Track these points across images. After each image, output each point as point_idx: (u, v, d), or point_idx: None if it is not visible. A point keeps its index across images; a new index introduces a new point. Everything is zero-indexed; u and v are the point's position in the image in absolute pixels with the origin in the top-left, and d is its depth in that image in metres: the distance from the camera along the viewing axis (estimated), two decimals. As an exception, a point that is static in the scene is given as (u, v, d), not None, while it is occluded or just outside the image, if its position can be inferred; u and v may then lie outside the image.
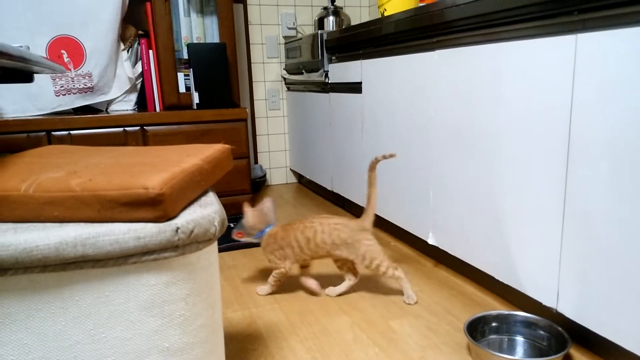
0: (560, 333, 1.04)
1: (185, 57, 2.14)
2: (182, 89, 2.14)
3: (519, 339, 1.11)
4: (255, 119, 2.79)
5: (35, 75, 1.26)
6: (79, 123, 1.87)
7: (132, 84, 2.11)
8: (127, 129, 1.94)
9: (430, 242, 1.53)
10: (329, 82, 2.17)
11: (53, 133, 1.85)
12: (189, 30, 2.16)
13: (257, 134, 2.81)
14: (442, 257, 1.59)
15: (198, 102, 2.05)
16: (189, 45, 2.02)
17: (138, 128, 1.95)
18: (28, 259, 0.58)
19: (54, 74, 1.93)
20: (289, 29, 2.74)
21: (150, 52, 2.07)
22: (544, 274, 1.09)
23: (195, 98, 2.05)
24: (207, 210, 0.69)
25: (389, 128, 1.71)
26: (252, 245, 1.78)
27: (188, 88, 2.15)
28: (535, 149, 1.08)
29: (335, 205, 2.37)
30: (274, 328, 1.22)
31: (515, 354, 1.09)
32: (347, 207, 2.28)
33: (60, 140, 1.86)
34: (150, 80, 2.10)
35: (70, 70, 1.95)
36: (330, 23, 2.56)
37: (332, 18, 2.56)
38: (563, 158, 1.01)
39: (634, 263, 0.88)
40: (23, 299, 0.60)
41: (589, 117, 0.94)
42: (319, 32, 2.15)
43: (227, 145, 0.92)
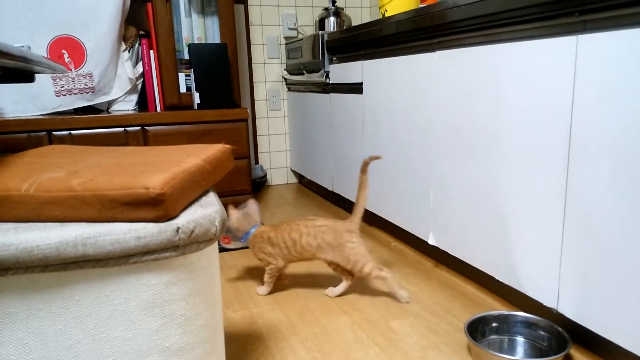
0: (561, 333, 1.04)
1: (186, 57, 2.14)
2: (182, 89, 2.14)
3: (520, 340, 1.11)
4: (256, 120, 2.79)
5: (36, 76, 1.26)
6: (80, 123, 1.88)
7: (132, 85, 2.11)
8: (128, 129, 1.94)
9: (431, 242, 1.53)
10: (330, 82, 2.17)
11: (54, 133, 1.85)
12: (190, 31, 2.16)
13: (257, 134, 2.82)
14: (442, 257, 1.59)
15: (199, 102, 2.05)
16: (190, 46, 2.02)
17: (139, 128, 1.95)
18: (29, 259, 0.58)
19: (55, 74, 1.93)
20: (290, 30, 2.75)
21: (151, 52, 2.08)
22: (545, 275, 1.09)
23: (196, 98, 2.05)
24: (207, 210, 0.69)
25: (390, 128, 1.71)
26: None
27: (189, 88, 2.15)
28: (536, 150, 1.08)
29: (336, 206, 2.37)
30: (274, 328, 1.22)
31: (516, 354, 1.09)
32: (347, 207, 2.28)
33: (61, 140, 1.86)
34: (151, 81, 2.11)
35: (71, 70, 1.95)
36: (331, 24, 2.56)
37: (333, 19, 2.56)
38: (564, 158, 1.01)
39: (634, 263, 0.88)
40: (24, 299, 0.60)
41: (590, 118, 0.94)
42: (320, 32, 2.15)
43: (227, 146, 0.92)
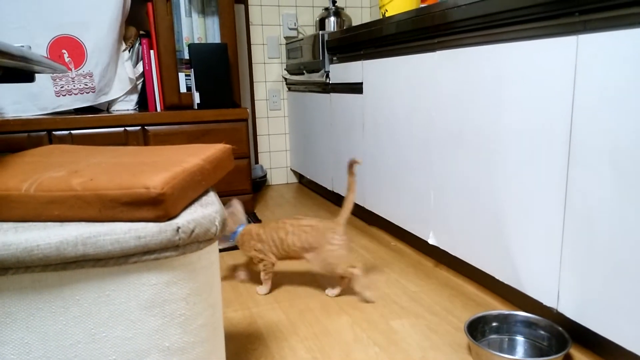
0: (561, 333, 1.04)
1: (187, 57, 2.14)
2: (183, 89, 2.14)
3: (520, 339, 1.11)
4: (256, 119, 2.80)
5: (36, 76, 1.26)
6: (80, 123, 1.88)
7: (133, 84, 2.11)
8: (128, 129, 1.94)
9: (431, 242, 1.53)
10: (330, 82, 2.17)
11: (54, 132, 1.85)
12: (190, 31, 2.16)
13: (257, 134, 2.82)
14: (442, 257, 1.59)
15: (199, 102, 2.05)
16: (190, 46, 2.02)
17: (139, 128, 1.95)
18: (29, 258, 0.58)
19: (55, 75, 1.93)
20: (290, 30, 2.75)
21: (152, 52, 2.08)
22: (545, 274, 1.09)
23: (196, 98, 2.05)
24: (208, 210, 0.69)
25: (390, 128, 1.71)
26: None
27: (189, 88, 2.15)
28: (536, 149, 1.08)
29: (336, 206, 2.37)
30: (274, 328, 1.22)
31: (516, 354, 1.09)
32: (347, 207, 2.28)
33: (61, 140, 1.86)
34: (152, 80, 2.11)
35: (71, 70, 1.95)
36: (332, 24, 2.56)
37: (333, 19, 2.56)
38: (564, 157, 1.01)
39: (635, 263, 0.88)
40: (24, 298, 0.60)
41: (590, 117, 0.94)
42: (320, 32, 2.15)
43: (228, 145, 0.92)
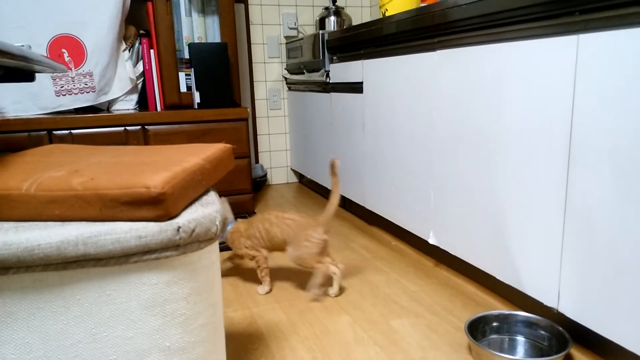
0: (561, 333, 1.04)
1: (187, 56, 2.14)
2: (183, 89, 2.14)
3: (520, 339, 1.11)
4: (256, 119, 2.79)
5: (37, 75, 1.26)
6: (80, 122, 1.88)
7: (133, 84, 2.11)
8: (128, 129, 1.94)
9: (431, 242, 1.53)
10: (330, 82, 2.17)
11: (54, 132, 1.85)
12: (190, 30, 2.16)
13: (258, 134, 2.82)
14: (442, 257, 1.59)
15: (199, 101, 2.05)
16: (190, 45, 2.02)
17: (139, 127, 1.95)
18: (30, 258, 0.58)
19: (55, 74, 1.93)
20: (290, 29, 2.74)
21: (152, 51, 2.07)
22: (545, 274, 1.09)
23: (197, 98, 2.05)
24: (208, 210, 0.69)
25: (390, 128, 1.71)
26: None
27: (189, 88, 2.15)
28: (536, 149, 1.08)
29: (336, 205, 2.37)
30: (275, 327, 1.22)
31: (516, 354, 1.09)
32: (347, 206, 2.28)
33: (62, 140, 1.86)
34: (152, 80, 2.10)
35: (71, 70, 1.95)
36: (332, 23, 2.56)
37: (333, 18, 2.56)
38: (564, 156, 1.01)
39: (635, 263, 0.88)
40: (25, 298, 0.60)
41: (590, 117, 0.94)
42: (320, 32, 2.15)
43: (228, 145, 0.92)
